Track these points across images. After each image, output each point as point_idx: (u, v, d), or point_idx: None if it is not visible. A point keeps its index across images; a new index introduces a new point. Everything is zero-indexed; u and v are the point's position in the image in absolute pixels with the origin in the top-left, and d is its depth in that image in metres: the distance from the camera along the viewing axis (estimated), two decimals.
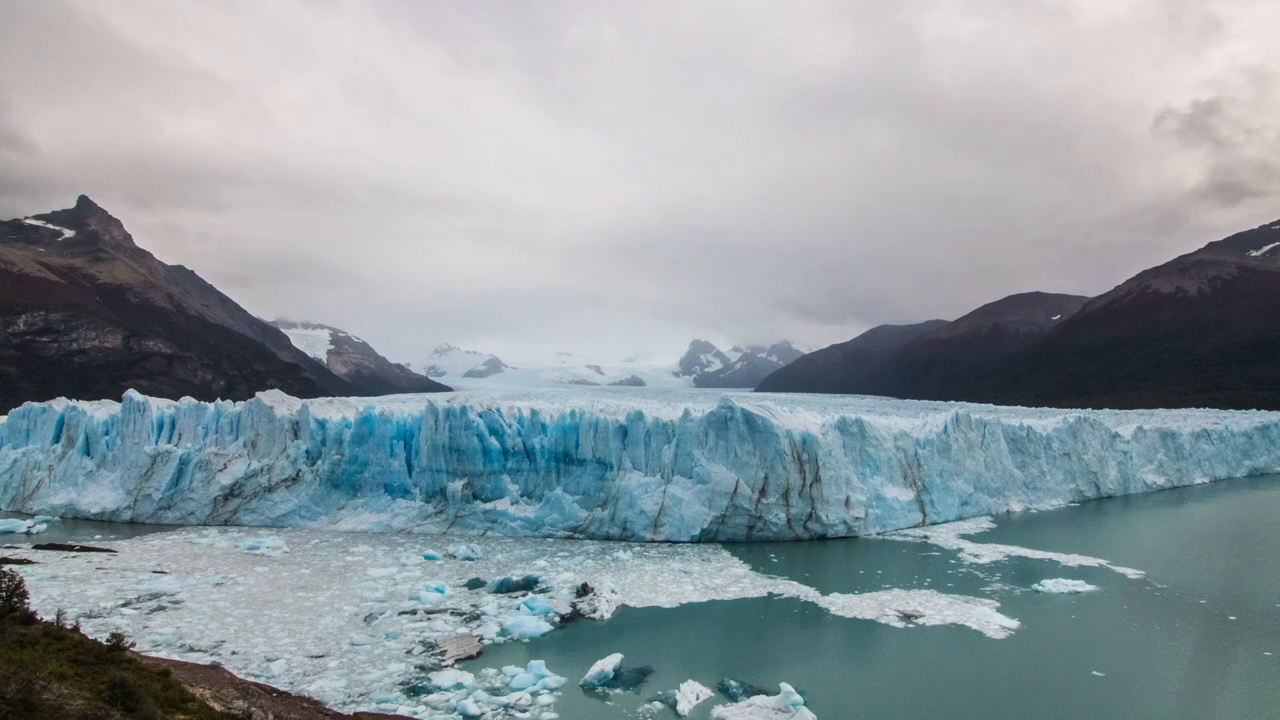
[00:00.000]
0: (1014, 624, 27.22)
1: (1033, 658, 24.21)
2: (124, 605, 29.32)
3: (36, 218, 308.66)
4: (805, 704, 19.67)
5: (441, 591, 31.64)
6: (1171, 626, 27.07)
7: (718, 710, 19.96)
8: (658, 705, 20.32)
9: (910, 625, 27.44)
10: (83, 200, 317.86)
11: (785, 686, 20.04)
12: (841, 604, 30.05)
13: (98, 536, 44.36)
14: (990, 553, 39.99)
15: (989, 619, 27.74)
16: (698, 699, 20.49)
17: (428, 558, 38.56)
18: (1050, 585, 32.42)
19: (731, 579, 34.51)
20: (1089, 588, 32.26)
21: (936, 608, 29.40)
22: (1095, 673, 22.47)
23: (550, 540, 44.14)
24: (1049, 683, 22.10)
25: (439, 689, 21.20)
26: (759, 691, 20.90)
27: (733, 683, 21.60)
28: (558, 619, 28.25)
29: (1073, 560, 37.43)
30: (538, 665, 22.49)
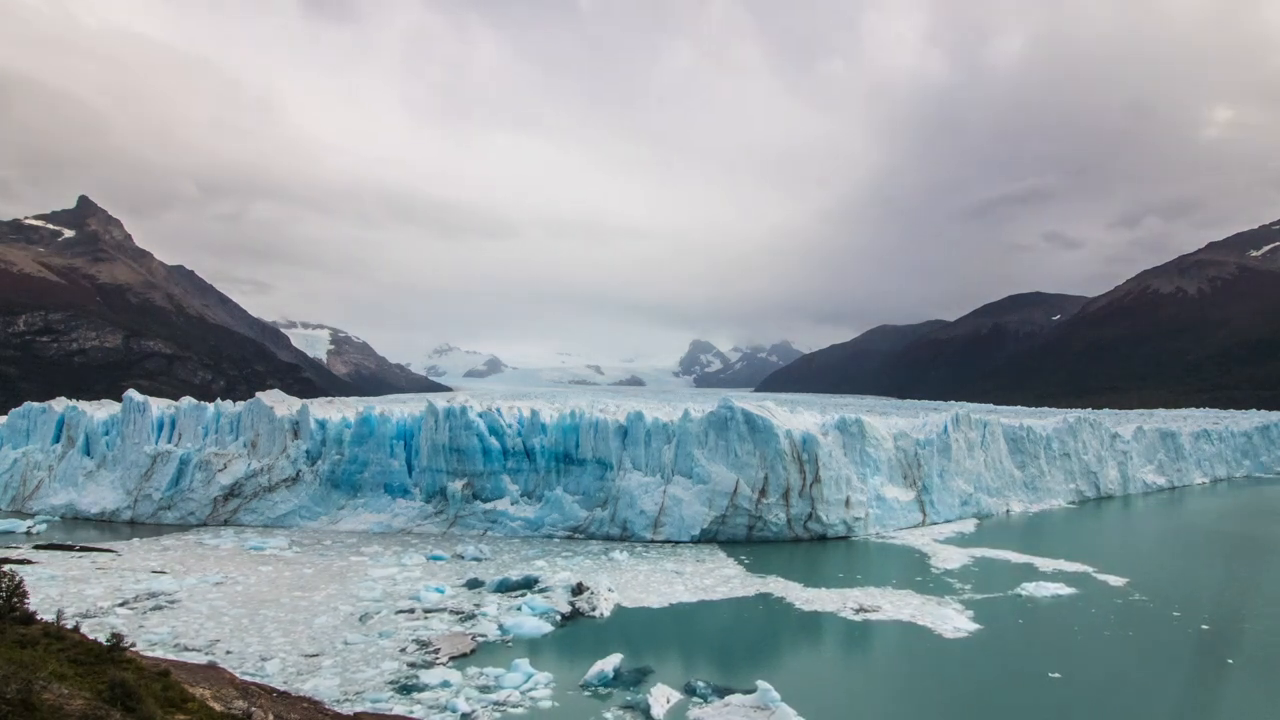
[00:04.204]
0: (978, 625, 27.48)
1: (995, 657, 24.58)
2: (120, 605, 29.32)
3: (36, 218, 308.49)
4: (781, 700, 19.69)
5: (442, 591, 31.65)
6: (1142, 632, 27.00)
7: (694, 712, 19.97)
8: (634, 709, 20.25)
9: (873, 624, 27.85)
10: (83, 200, 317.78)
11: (762, 684, 20.06)
12: (815, 604, 30.37)
13: (96, 535, 44.36)
14: (980, 555, 40.02)
15: (951, 620, 27.89)
16: (669, 702, 20.47)
17: (434, 558, 38.54)
18: (1031, 589, 32.38)
19: (722, 579, 34.61)
20: (1069, 591, 32.21)
21: (908, 608, 29.58)
22: (1052, 674, 22.61)
23: (552, 540, 44.14)
24: (1006, 681, 22.48)
25: (428, 687, 21.29)
26: (728, 691, 21.03)
27: (700, 683, 21.71)
28: (558, 618, 28.30)
29: (1059, 564, 37.32)
30: (523, 664, 22.60)
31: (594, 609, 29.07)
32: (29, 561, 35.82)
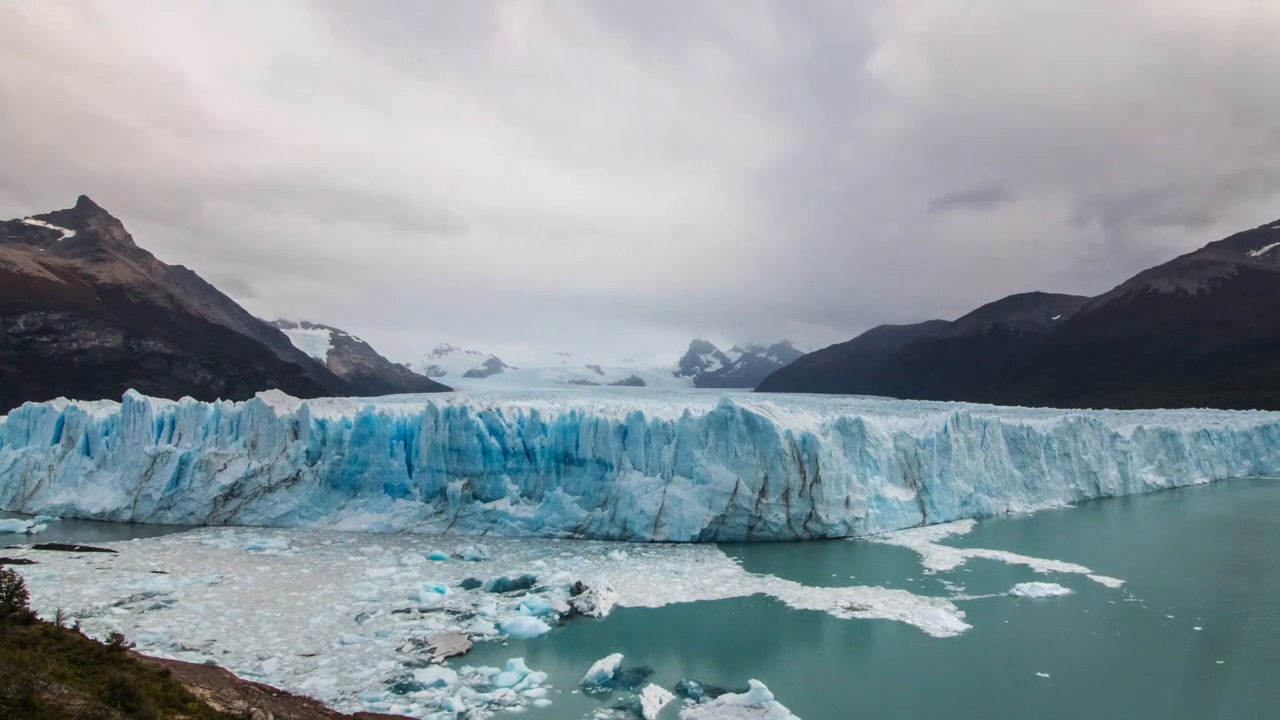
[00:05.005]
0: (969, 625, 27.60)
1: (984, 657, 24.68)
2: (117, 605, 29.34)
3: (36, 218, 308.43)
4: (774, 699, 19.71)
5: (440, 591, 31.67)
6: (1134, 633, 27.02)
7: (687, 712, 19.99)
8: (628, 709, 20.27)
9: (866, 624, 28.00)
10: (83, 200, 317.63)
11: (755, 683, 20.08)
12: (808, 603, 30.50)
13: (96, 535, 44.36)
14: (976, 555, 40.10)
15: (941, 619, 27.98)
16: (662, 702, 20.50)
17: (433, 558, 38.54)
18: (1025, 589, 32.38)
19: (720, 579, 34.67)
20: (1063, 592, 32.23)
21: (900, 608, 29.67)
22: (1040, 674, 22.67)
23: (552, 540, 44.15)
24: (993, 680, 22.63)
25: (423, 686, 21.34)
26: (720, 690, 21.09)
27: (692, 683, 21.77)
28: (556, 618, 28.33)
29: (1055, 565, 37.33)
30: (519, 663, 22.66)
31: (592, 609, 29.08)
32: (29, 561, 35.84)
